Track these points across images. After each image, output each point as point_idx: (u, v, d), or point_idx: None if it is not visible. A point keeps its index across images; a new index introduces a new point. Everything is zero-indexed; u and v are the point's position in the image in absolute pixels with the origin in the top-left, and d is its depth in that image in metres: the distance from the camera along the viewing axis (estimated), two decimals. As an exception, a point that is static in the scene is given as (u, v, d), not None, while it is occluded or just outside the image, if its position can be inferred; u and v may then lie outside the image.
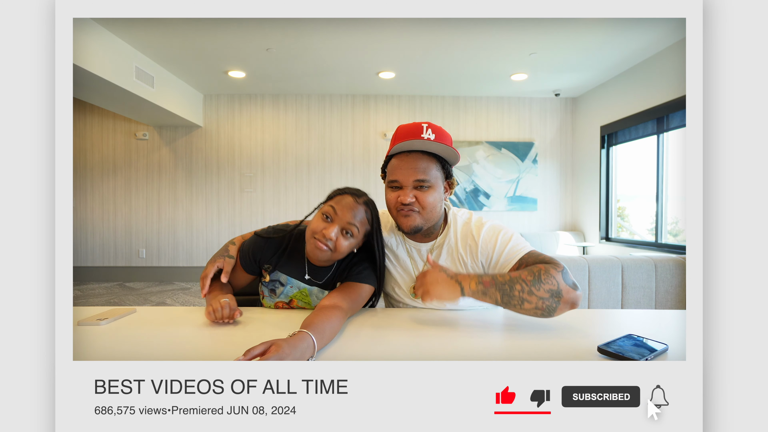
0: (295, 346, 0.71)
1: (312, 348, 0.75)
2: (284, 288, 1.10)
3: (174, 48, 3.66)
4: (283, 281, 1.10)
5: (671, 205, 3.76)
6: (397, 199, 1.01)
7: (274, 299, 1.12)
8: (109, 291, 4.59)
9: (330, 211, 1.00)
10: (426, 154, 1.01)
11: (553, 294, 0.85)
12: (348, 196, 1.03)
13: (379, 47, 3.65)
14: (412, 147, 1.00)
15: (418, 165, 1.00)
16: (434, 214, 1.04)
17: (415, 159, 1.00)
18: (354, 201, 1.01)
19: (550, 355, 0.74)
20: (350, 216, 0.99)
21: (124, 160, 5.13)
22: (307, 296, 1.10)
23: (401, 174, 1.01)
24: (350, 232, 1.00)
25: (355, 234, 1.01)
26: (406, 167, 1.00)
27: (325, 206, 1.02)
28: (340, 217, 0.99)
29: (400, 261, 1.14)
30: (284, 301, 1.11)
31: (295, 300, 1.11)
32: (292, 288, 1.10)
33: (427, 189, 1.00)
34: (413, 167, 1.00)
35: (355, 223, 0.99)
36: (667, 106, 3.59)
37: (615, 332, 0.87)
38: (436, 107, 5.15)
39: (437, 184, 1.03)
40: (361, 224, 1.01)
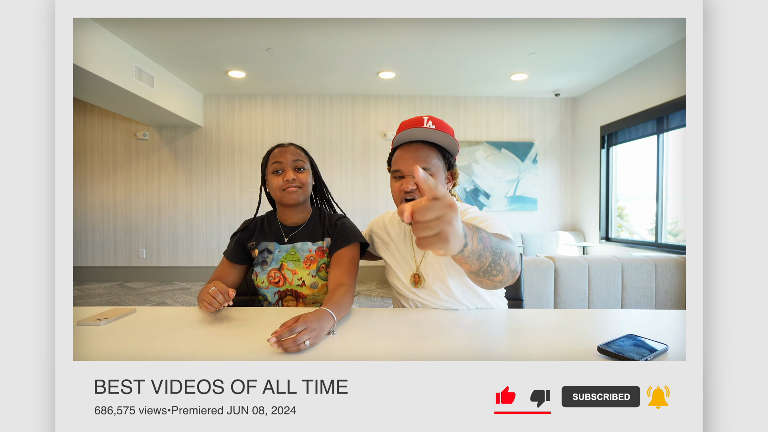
0: (319, 319, 0.84)
1: (332, 321, 0.87)
2: (273, 254, 1.20)
3: (174, 48, 3.66)
4: (270, 248, 1.21)
5: (671, 205, 3.76)
6: (400, 188, 1.06)
7: (266, 270, 1.18)
8: (109, 291, 4.59)
9: (277, 166, 1.17)
10: (426, 144, 1.06)
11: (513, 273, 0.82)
12: (276, 149, 1.21)
13: (379, 47, 3.65)
14: (411, 136, 1.06)
15: (419, 154, 1.05)
16: None
17: (416, 148, 1.06)
18: (282, 147, 1.20)
19: (550, 355, 0.74)
20: (290, 156, 1.18)
21: (124, 160, 5.13)
22: (295, 253, 1.20)
23: (403, 163, 1.06)
24: (300, 166, 1.18)
25: (304, 164, 1.19)
26: (408, 156, 1.05)
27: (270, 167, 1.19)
28: (286, 162, 1.17)
29: (401, 251, 1.17)
30: (276, 268, 1.18)
31: (285, 263, 1.19)
32: (280, 252, 1.20)
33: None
34: (414, 156, 1.05)
35: (298, 158, 1.18)
36: (667, 106, 3.59)
37: (615, 332, 0.87)
38: (436, 107, 5.14)
39: (438, 173, 1.06)
40: (301, 155, 1.20)
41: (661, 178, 3.79)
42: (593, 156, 4.77)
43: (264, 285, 1.18)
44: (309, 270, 1.18)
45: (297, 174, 1.17)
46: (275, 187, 1.17)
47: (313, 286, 1.18)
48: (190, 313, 1.06)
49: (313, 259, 1.19)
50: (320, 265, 1.19)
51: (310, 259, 1.19)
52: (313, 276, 1.18)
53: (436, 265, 1.10)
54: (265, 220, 1.28)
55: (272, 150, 1.22)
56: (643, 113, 3.90)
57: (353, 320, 0.99)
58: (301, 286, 1.18)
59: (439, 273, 1.09)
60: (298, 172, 1.18)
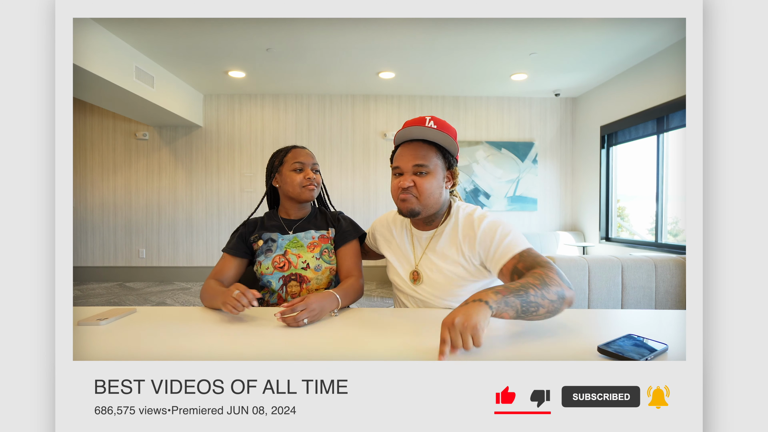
0: (322, 300, 0.95)
1: (336, 302, 1.01)
2: (277, 242, 1.24)
3: (174, 48, 3.66)
4: (274, 238, 1.25)
5: (671, 205, 3.76)
6: (398, 184, 1.08)
7: (270, 256, 1.21)
8: (109, 291, 4.59)
9: (299, 165, 1.24)
10: (426, 142, 1.08)
11: (559, 296, 0.86)
12: (296, 148, 1.28)
13: (379, 47, 3.65)
14: (411, 135, 1.08)
15: (418, 152, 1.07)
16: (432, 200, 1.08)
17: (416, 146, 1.08)
18: (302, 149, 1.29)
19: (550, 355, 0.74)
20: (310, 158, 1.27)
21: (124, 160, 5.13)
22: (298, 241, 1.25)
23: (402, 160, 1.08)
24: (317, 169, 1.27)
25: (319, 168, 1.29)
26: (407, 154, 1.08)
27: (290, 164, 1.25)
28: (307, 163, 1.25)
29: (401, 249, 1.20)
30: (280, 254, 1.22)
31: (290, 249, 1.22)
32: (284, 240, 1.24)
33: (426, 175, 1.07)
34: (413, 153, 1.07)
35: (315, 161, 1.28)
36: (667, 106, 3.59)
37: (615, 332, 0.87)
38: (436, 107, 5.14)
39: (436, 171, 1.08)
40: (316, 159, 1.30)
41: (661, 178, 3.79)
42: (593, 156, 4.77)
43: (269, 271, 1.20)
44: (313, 253, 1.22)
45: (315, 175, 1.26)
46: (295, 183, 1.23)
47: (317, 269, 1.21)
48: (190, 313, 1.06)
49: (317, 244, 1.24)
50: (323, 249, 1.23)
51: (313, 244, 1.24)
52: (317, 259, 1.21)
53: (433, 264, 1.11)
54: (266, 217, 1.31)
55: (291, 149, 1.28)
56: (643, 113, 3.90)
57: (354, 320, 0.99)
58: (305, 269, 1.20)
59: (436, 271, 1.10)
60: (315, 173, 1.27)
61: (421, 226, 1.17)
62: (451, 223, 1.13)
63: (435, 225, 1.15)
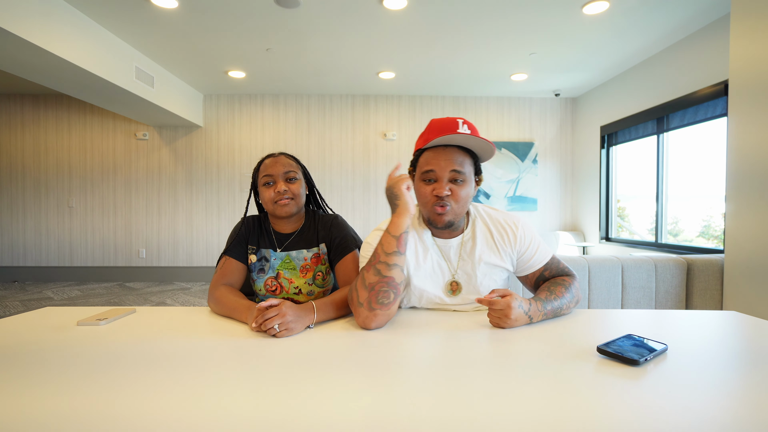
0: (297, 312, 0.88)
1: (312, 317, 0.91)
2: (270, 262, 1.19)
3: (174, 48, 3.66)
4: (267, 256, 1.19)
5: (671, 205, 3.76)
6: (432, 192, 1.00)
7: (263, 278, 1.18)
8: (109, 291, 4.59)
9: (267, 178, 1.16)
10: (461, 148, 1.01)
11: (575, 300, 1.06)
12: (267, 159, 1.19)
13: (379, 47, 3.65)
14: (452, 141, 0.98)
15: (455, 158, 0.99)
16: (464, 210, 1.04)
17: (452, 152, 0.99)
18: (273, 157, 1.19)
19: (550, 355, 0.74)
20: (281, 166, 1.16)
21: (124, 160, 5.13)
22: (290, 261, 1.19)
23: (437, 165, 0.99)
24: (291, 177, 1.17)
25: (296, 174, 1.18)
26: (444, 158, 0.99)
27: (261, 179, 1.17)
28: (277, 174, 1.15)
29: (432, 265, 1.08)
30: (272, 276, 1.18)
31: (282, 272, 1.18)
32: (275, 260, 1.19)
33: (462, 183, 1.00)
34: (450, 159, 0.99)
35: (289, 168, 1.17)
36: (667, 106, 3.59)
37: (615, 332, 0.87)
38: (436, 107, 5.15)
39: (470, 179, 1.03)
40: (293, 165, 1.19)
41: (661, 178, 3.78)
42: (593, 156, 4.77)
43: (261, 292, 1.19)
44: (305, 279, 1.18)
45: (289, 185, 1.15)
46: (267, 200, 1.16)
47: (310, 294, 1.18)
48: (190, 313, 1.06)
49: (309, 268, 1.18)
50: (316, 273, 1.19)
51: (306, 267, 1.18)
52: (310, 284, 1.18)
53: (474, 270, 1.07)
54: (263, 222, 1.24)
55: (263, 161, 1.20)
56: (643, 113, 3.90)
57: (353, 319, 0.99)
58: (297, 294, 1.18)
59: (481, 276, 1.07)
60: (289, 182, 1.16)
61: (445, 234, 1.09)
62: (479, 226, 1.09)
63: (460, 231, 1.09)
